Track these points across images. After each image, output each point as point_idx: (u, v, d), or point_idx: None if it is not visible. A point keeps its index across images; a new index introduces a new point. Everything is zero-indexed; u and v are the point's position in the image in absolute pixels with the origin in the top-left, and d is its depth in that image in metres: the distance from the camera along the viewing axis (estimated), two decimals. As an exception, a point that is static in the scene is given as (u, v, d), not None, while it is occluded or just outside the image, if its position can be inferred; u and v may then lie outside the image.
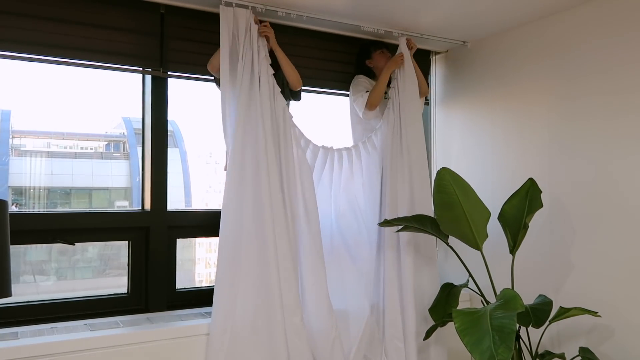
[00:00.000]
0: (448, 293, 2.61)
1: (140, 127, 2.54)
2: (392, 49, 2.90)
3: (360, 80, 2.88)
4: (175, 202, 2.58)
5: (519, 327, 2.39)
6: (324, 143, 2.71)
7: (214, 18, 2.38)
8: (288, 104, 2.60)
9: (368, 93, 2.78)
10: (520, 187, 2.46)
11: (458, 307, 2.45)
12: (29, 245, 2.34)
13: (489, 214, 2.38)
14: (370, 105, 2.77)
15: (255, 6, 2.44)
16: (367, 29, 2.80)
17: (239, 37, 2.36)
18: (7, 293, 1.58)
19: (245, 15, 2.38)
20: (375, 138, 2.80)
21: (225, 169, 2.36)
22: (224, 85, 2.32)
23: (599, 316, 2.24)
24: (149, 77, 2.50)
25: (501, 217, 2.44)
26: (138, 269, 2.46)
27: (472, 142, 3.08)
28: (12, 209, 2.31)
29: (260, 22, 2.44)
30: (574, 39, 2.56)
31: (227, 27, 2.34)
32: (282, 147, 2.43)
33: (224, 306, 2.25)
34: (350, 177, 2.75)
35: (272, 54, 2.48)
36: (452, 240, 2.56)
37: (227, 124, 2.35)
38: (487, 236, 2.40)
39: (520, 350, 2.39)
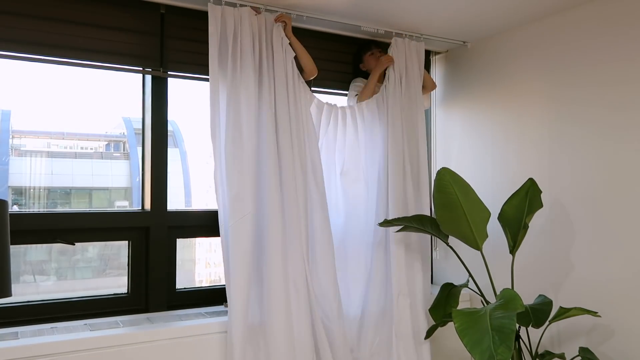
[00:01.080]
0: (448, 293, 2.61)
1: (140, 127, 2.54)
2: (385, 47, 2.88)
3: (356, 84, 2.89)
4: (175, 202, 2.58)
5: (519, 327, 2.39)
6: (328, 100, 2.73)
7: (214, 18, 2.38)
8: None
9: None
10: (520, 187, 2.46)
11: (458, 307, 2.45)
12: (29, 245, 2.34)
13: (489, 214, 2.38)
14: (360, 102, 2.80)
15: (255, 6, 2.44)
16: (366, 29, 2.80)
17: (236, 35, 2.36)
18: (7, 293, 1.58)
19: (239, 13, 2.37)
20: (380, 101, 2.79)
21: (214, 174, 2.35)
22: (213, 76, 2.33)
23: (599, 316, 2.25)
24: (149, 77, 2.50)
25: (501, 217, 2.44)
26: (138, 269, 2.47)
27: (472, 142, 3.08)
28: (14, 208, 2.31)
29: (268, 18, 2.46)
30: (573, 39, 2.56)
31: (215, 24, 2.33)
32: (290, 103, 2.45)
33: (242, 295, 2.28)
34: (354, 137, 2.76)
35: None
36: (452, 240, 2.56)
37: (216, 120, 2.35)
38: (487, 236, 2.40)
39: (520, 350, 2.39)
